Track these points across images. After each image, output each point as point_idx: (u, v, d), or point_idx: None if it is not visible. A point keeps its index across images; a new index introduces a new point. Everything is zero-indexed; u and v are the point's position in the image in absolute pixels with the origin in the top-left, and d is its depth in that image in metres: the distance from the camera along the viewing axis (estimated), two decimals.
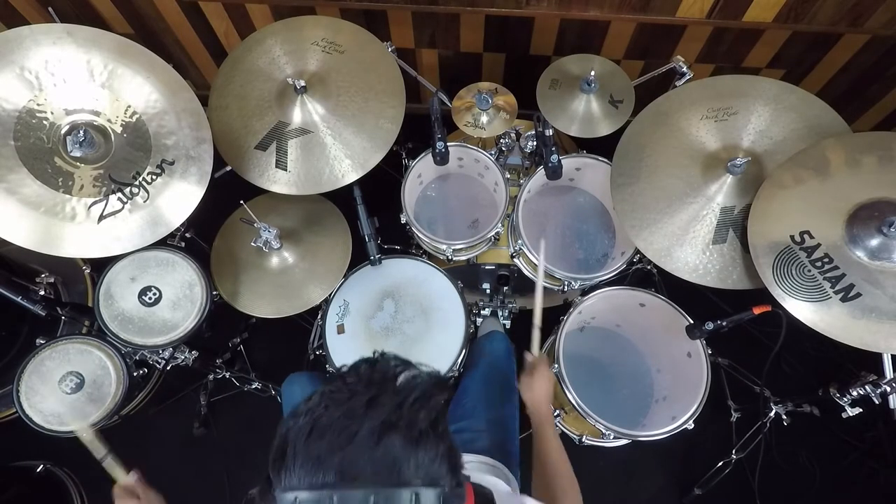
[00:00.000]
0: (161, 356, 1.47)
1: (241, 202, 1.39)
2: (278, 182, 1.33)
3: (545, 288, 1.55)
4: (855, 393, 1.28)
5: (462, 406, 1.30)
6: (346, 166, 1.32)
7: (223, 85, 1.39)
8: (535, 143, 1.51)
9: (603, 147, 1.46)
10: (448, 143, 1.44)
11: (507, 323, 1.87)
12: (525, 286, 1.71)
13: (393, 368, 0.62)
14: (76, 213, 1.16)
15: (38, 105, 1.13)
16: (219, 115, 1.37)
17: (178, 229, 1.39)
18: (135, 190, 1.19)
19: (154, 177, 1.20)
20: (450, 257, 1.49)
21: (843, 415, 1.31)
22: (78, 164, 1.16)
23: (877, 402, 1.25)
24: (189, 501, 1.84)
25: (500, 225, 1.44)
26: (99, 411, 1.34)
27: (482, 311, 1.88)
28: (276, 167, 1.33)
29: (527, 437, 1.32)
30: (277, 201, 1.52)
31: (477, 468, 1.12)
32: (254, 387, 1.84)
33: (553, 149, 1.40)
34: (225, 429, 1.92)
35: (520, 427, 1.31)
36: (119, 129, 1.19)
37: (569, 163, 1.49)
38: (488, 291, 1.85)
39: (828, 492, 1.82)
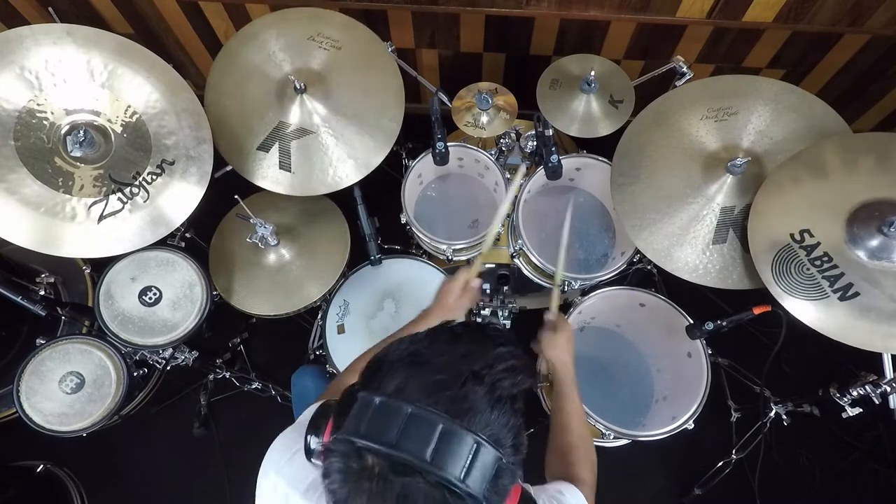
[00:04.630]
0: (161, 356, 1.47)
1: (237, 197, 1.38)
2: (282, 184, 1.33)
3: (545, 288, 1.56)
4: (855, 393, 1.28)
5: None
6: (349, 167, 1.32)
7: (217, 83, 1.38)
8: (535, 143, 1.51)
9: (603, 147, 1.46)
10: (448, 143, 1.43)
11: (508, 323, 1.87)
12: (525, 286, 1.71)
13: (496, 336, 0.66)
14: (76, 213, 1.16)
15: (38, 105, 1.13)
16: (218, 115, 1.36)
17: (178, 229, 1.39)
18: (135, 190, 1.19)
19: (154, 177, 1.20)
20: (450, 257, 1.49)
21: (843, 415, 1.31)
22: (78, 164, 1.17)
23: (877, 402, 1.25)
24: (189, 501, 1.84)
25: (500, 225, 1.44)
26: (99, 411, 1.35)
27: (482, 311, 1.88)
28: (280, 168, 1.33)
29: (527, 436, 1.31)
30: (274, 198, 1.51)
31: None
32: (254, 387, 1.84)
33: (553, 149, 1.39)
34: (225, 429, 1.92)
35: (526, 422, 1.30)
36: (119, 129, 1.19)
37: (569, 163, 1.49)
38: (488, 291, 1.85)
39: (828, 492, 1.82)
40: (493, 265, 1.63)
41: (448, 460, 0.53)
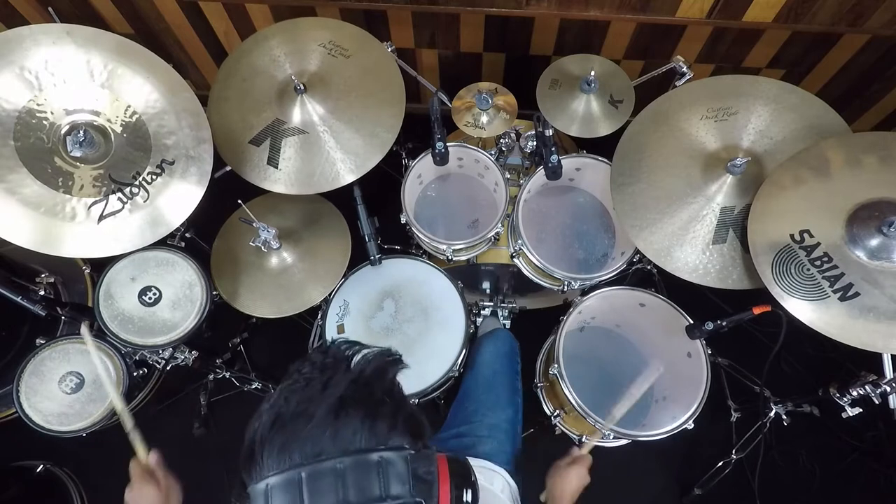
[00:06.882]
0: (161, 356, 1.47)
1: (239, 202, 1.39)
2: (269, 179, 1.33)
3: (545, 288, 1.56)
4: (855, 393, 1.28)
5: (463, 409, 1.30)
6: (340, 169, 1.32)
7: (226, 78, 1.39)
8: (535, 143, 1.51)
9: (603, 147, 1.46)
10: (448, 143, 1.43)
11: (507, 323, 1.87)
12: (525, 286, 1.71)
13: (344, 351, 0.65)
14: (76, 213, 1.16)
15: (38, 105, 1.13)
16: (218, 110, 1.37)
17: (177, 229, 1.39)
18: (135, 190, 1.19)
19: (154, 177, 1.20)
20: (450, 257, 1.49)
21: (843, 415, 1.31)
22: (78, 164, 1.16)
23: (877, 402, 1.25)
24: (189, 501, 1.84)
25: (500, 225, 1.44)
26: (99, 411, 1.35)
27: (482, 311, 1.88)
28: (268, 164, 1.33)
29: (527, 436, 1.31)
30: (277, 201, 1.52)
31: (476, 472, 1.12)
32: (254, 387, 1.84)
33: (553, 149, 1.39)
34: (225, 429, 1.92)
35: (525, 423, 1.30)
36: (119, 129, 1.19)
37: (569, 163, 1.49)
38: (488, 291, 1.85)
39: (828, 492, 1.82)
40: (493, 265, 1.63)
41: (365, 492, 0.54)
